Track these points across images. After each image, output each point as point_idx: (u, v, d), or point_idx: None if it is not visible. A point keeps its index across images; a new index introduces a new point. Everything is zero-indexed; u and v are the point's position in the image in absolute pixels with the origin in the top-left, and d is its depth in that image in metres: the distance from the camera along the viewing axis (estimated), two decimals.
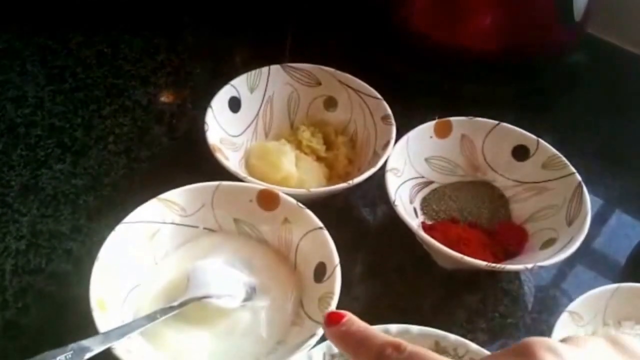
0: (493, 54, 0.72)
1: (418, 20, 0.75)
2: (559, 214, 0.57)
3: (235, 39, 0.84)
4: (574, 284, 0.59)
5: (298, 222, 0.52)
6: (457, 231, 0.58)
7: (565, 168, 0.59)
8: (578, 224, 0.55)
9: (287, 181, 0.59)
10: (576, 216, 0.56)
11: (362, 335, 0.33)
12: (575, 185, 0.58)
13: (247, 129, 0.64)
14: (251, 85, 0.64)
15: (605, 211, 0.66)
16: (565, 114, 0.77)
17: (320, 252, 0.50)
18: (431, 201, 0.61)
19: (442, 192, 0.62)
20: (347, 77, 0.65)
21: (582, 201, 0.56)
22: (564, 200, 0.58)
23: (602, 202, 0.67)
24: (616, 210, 0.67)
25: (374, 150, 0.61)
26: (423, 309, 0.56)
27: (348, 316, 0.35)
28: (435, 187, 0.63)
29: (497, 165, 0.63)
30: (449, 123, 0.62)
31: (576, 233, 0.53)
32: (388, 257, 0.59)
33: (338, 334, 0.34)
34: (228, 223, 0.54)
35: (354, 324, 0.34)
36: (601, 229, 0.64)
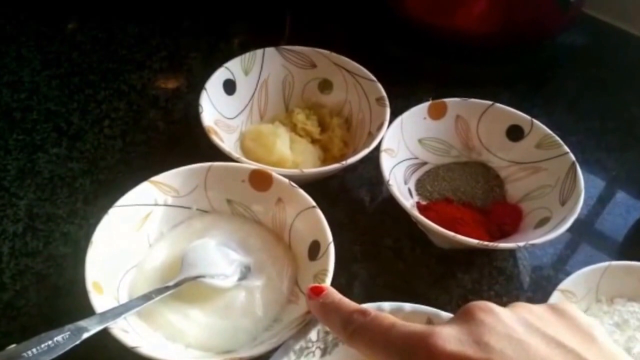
0: (488, 35, 0.72)
1: (413, 3, 0.75)
2: (553, 193, 0.58)
3: (232, 23, 0.84)
4: (570, 263, 0.59)
5: (291, 201, 0.52)
6: (451, 211, 0.58)
7: (559, 148, 0.59)
8: (571, 203, 0.55)
9: (282, 163, 0.59)
10: (569, 196, 0.56)
11: (335, 305, 0.37)
12: (569, 165, 0.58)
13: (242, 112, 0.64)
14: (246, 68, 0.64)
15: (601, 191, 0.66)
16: (561, 94, 0.77)
17: (313, 230, 0.50)
18: (425, 182, 0.62)
19: (436, 172, 0.62)
20: (342, 59, 0.65)
21: (576, 181, 0.56)
22: (557, 180, 0.58)
23: (598, 182, 0.67)
24: (612, 189, 0.66)
25: (368, 132, 0.61)
26: (418, 288, 0.56)
27: (327, 290, 0.39)
28: (430, 168, 0.63)
29: (492, 145, 0.63)
30: (444, 104, 0.62)
31: (569, 212, 0.54)
32: (383, 237, 0.60)
33: (317, 305, 0.38)
34: (221, 204, 0.54)
35: (329, 296, 0.38)
36: (597, 208, 0.64)
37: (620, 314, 0.48)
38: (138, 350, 0.40)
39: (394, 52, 0.79)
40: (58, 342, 0.39)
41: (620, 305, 0.49)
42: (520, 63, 0.77)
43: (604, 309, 0.49)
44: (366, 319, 0.34)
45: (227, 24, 0.84)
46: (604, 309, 0.49)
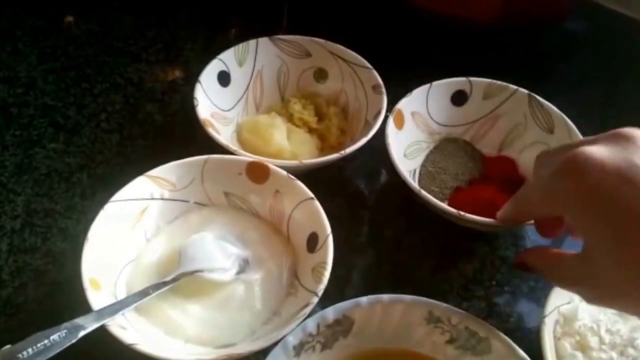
0: (488, 21, 0.71)
1: None
2: (530, 128, 0.60)
3: (229, 13, 0.83)
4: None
5: (289, 193, 0.52)
6: (481, 195, 0.58)
7: (507, 88, 0.60)
8: (560, 125, 0.57)
9: (280, 154, 0.59)
10: (552, 122, 0.58)
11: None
12: (526, 99, 0.60)
13: (237, 103, 0.64)
14: (240, 59, 0.63)
15: None
16: (561, 81, 0.76)
17: (312, 222, 0.49)
18: (425, 183, 0.61)
19: (426, 171, 0.61)
20: (338, 47, 0.64)
21: (545, 108, 0.59)
22: (524, 116, 0.60)
23: None
24: None
25: (365, 120, 0.61)
26: (419, 278, 0.56)
27: None
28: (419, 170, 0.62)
29: (446, 120, 0.62)
30: (399, 112, 0.59)
31: (568, 131, 0.57)
32: (383, 227, 0.59)
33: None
34: (218, 197, 0.54)
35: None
36: None
37: None
38: (136, 347, 0.40)
39: (392, 39, 0.78)
40: (54, 340, 0.39)
41: None
42: (521, 50, 0.76)
43: None
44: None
45: (224, 14, 0.83)
46: None
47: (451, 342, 0.44)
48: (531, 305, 0.53)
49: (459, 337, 0.44)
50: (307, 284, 0.47)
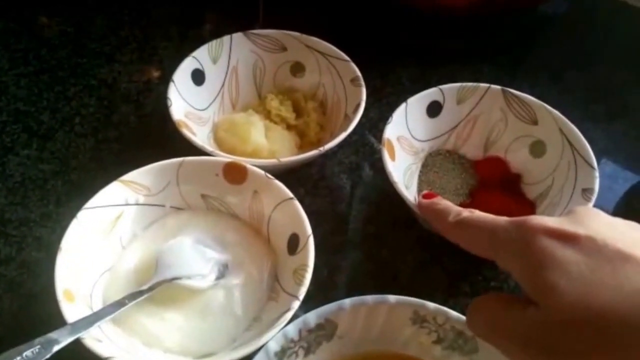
0: (466, 7, 0.69)
1: None
2: (512, 123, 0.58)
3: (203, 9, 0.81)
4: None
5: (268, 193, 0.50)
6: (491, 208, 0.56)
7: (478, 88, 0.58)
8: (542, 114, 0.56)
9: (258, 153, 0.57)
10: (534, 112, 0.57)
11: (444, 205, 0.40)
12: (500, 94, 0.58)
13: (213, 102, 0.62)
14: (214, 56, 0.62)
15: None
16: (544, 65, 0.75)
17: (292, 223, 0.48)
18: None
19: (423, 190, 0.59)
20: (314, 40, 0.63)
21: (522, 99, 0.57)
22: (502, 111, 0.58)
23: None
24: (599, 161, 0.64)
25: (345, 114, 0.59)
26: (404, 275, 0.54)
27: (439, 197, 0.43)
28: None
29: (426, 133, 0.60)
30: (389, 142, 0.55)
31: (551, 121, 0.55)
32: (367, 224, 0.58)
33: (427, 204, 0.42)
34: (195, 199, 0.52)
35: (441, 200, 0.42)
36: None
37: None
38: None
39: (370, 30, 0.77)
40: (28, 357, 0.38)
41: None
42: (501, 35, 0.75)
43: None
44: (474, 213, 0.37)
45: (198, 10, 0.81)
46: None
47: (438, 342, 0.43)
48: None
49: (445, 337, 0.43)
50: (288, 288, 0.45)
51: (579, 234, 0.30)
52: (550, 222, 0.31)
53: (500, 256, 0.34)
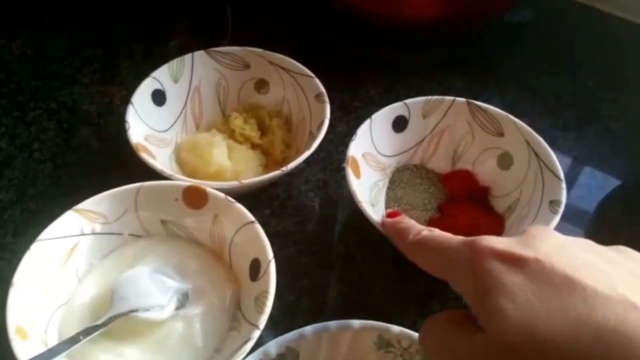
0: (432, 18, 0.68)
1: None
2: (478, 135, 0.57)
3: (166, 26, 0.80)
4: None
5: (229, 217, 0.48)
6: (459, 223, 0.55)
7: (443, 101, 0.57)
8: (508, 126, 0.55)
9: (221, 174, 0.56)
10: (499, 124, 0.56)
11: (407, 224, 0.39)
12: (465, 107, 0.57)
13: (175, 122, 0.60)
14: (175, 75, 0.60)
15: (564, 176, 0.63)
16: (513, 73, 0.73)
17: (253, 247, 0.46)
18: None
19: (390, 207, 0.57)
20: (277, 56, 0.61)
21: (487, 111, 0.56)
22: (468, 123, 0.57)
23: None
24: (573, 171, 0.64)
25: (309, 131, 0.58)
26: (373, 296, 0.53)
27: (403, 215, 0.42)
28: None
29: (392, 148, 0.58)
30: (354, 159, 0.54)
31: (517, 132, 0.54)
32: (335, 244, 0.57)
33: (390, 223, 0.41)
34: (155, 226, 0.51)
35: (404, 218, 0.41)
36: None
37: None
38: None
39: (338, 44, 0.75)
40: None
41: None
42: (470, 45, 0.74)
43: None
44: (432, 232, 0.36)
45: (163, 26, 0.80)
46: None
47: None
48: None
49: None
50: (249, 316, 0.44)
51: (527, 257, 0.29)
52: (498, 244, 0.31)
53: (451, 277, 0.33)
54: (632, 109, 0.68)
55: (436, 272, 0.35)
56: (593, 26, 0.79)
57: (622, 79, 0.72)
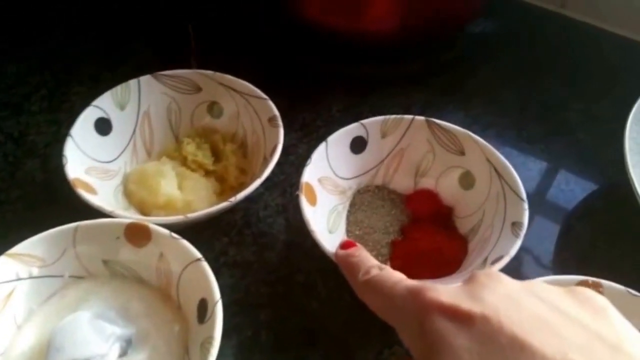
0: (391, 32, 0.66)
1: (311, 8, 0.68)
2: (439, 154, 0.55)
3: (120, 48, 0.77)
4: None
5: (174, 255, 0.46)
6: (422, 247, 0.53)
7: (402, 120, 0.55)
8: (469, 144, 0.53)
9: (171, 205, 0.53)
10: (460, 143, 0.54)
11: (359, 259, 0.37)
12: (425, 125, 0.55)
13: (123, 152, 0.57)
14: (120, 102, 0.57)
15: (530, 187, 0.61)
16: (477, 86, 0.71)
17: (201, 287, 0.44)
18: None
19: (355, 237, 0.54)
20: (227, 78, 0.59)
21: (447, 129, 0.54)
22: (429, 142, 0.55)
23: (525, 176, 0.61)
24: (539, 184, 0.61)
25: (264, 157, 0.55)
26: (336, 327, 0.50)
27: (358, 246, 0.40)
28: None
29: (352, 170, 0.56)
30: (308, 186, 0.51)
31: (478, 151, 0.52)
32: (294, 273, 0.54)
33: (343, 255, 0.39)
34: (97, 266, 0.48)
35: (357, 251, 0.39)
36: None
37: None
38: None
39: (302, 62, 0.73)
40: None
41: None
42: (433, 58, 0.72)
43: None
44: (381, 272, 0.34)
45: (115, 49, 0.77)
46: None
47: None
48: None
49: None
50: None
51: (474, 313, 0.27)
52: (445, 297, 0.28)
53: (398, 327, 0.31)
54: (601, 118, 0.66)
55: (383, 317, 0.33)
56: (559, 34, 0.77)
57: (591, 87, 0.69)
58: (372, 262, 0.37)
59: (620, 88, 0.67)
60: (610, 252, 0.55)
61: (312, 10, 0.68)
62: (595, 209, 0.59)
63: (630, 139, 0.52)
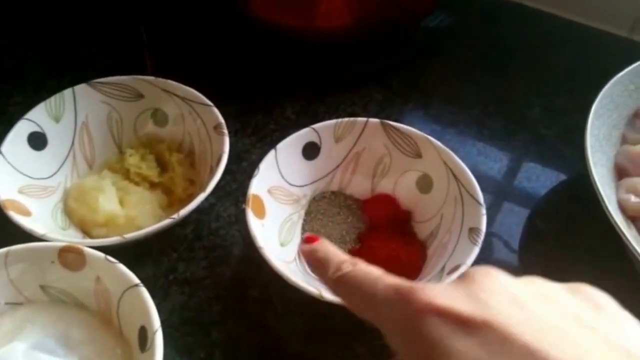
0: (346, 29, 0.63)
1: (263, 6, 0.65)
2: (396, 157, 0.53)
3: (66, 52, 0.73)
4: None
5: (111, 279, 0.43)
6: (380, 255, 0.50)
7: (355, 123, 0.53)
8: (425, 147, 0.51)
9: (112, 222, 0.50)
10: (416, 145, 0.52)
11: (327, 253, 0.34)
12: (380, 127, 0.52)
13: (62, 166, 0.54)
14: (55, 114, 0.54)
15: (492, 185, 0.59)
16: (436, 83, 0.68)
17: (140, 314, 0.41)
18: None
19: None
20: (171, 84, 0.55)
21: (403, 131, 0.52)
22: (385, 145, 0.53)
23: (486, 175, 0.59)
24: (501, 181, 0.59)
25: (210, 167, 0.52)
26: (293, 342, 0.48)
27: (321, 239, 0.36)
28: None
29: (305, 177, 0.54)
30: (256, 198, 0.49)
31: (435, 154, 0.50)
32: (248, 288, 0.51)
33: (309, 250, 0.35)
34: (34, 292, 0.45)
35: (322, 244, 0.35)
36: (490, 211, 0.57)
37: None
38: None
39: (255, 63, 0.70)
40: None
41: None
42: (389, 57, 0.69)
43: None
44: (355, 268, 0.31)
45: (63, 54, 0.73)
46: None
47: None
48: None
49: None
50: None
51: (477, 319, 0.24)
52: (440, 300, 0.25)
53: (382, 329, 0.28)
54: (563, 112, 0.64)
55: (363, 316, 0.30)
56: (517, 25, 0.75)
57: (551, 81, 0.67)
58: (340, 256, 0.34)
59: (582, 80, 0.65)
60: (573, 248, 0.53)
61: (264, 8, 0.65)
62: (558, 205, 0.57)
63: (591, 136, 0.50)
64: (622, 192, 0.50)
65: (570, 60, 0.70)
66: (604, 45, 0.71)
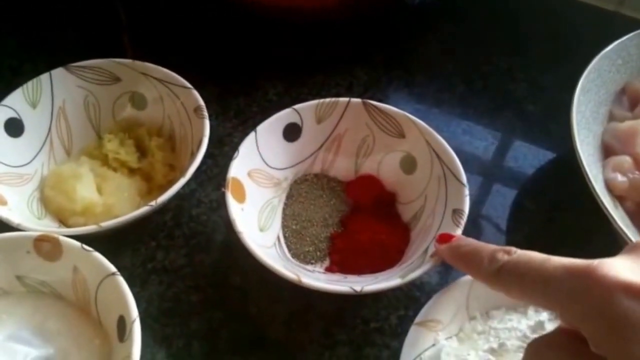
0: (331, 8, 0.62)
1: None
2: (379, 138, 0.52)
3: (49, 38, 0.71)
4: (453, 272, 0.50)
5: (89, 268, 0.42)
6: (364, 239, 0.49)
7: (337, 103, 0.52)
8: (408, 127, 0.50)
9: (90, 210, 0.49)
10: (399, 125, 0.51)
11: (473, 247, 0.34)
12: (362, 107, 0.51)
13: (39, 153, 0.53)
14: (32, 100, 0.52)
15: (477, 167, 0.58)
16: (420, 61, 0.67)
17: (118, 303, 0.40)
18: (296, 247, 0.50)
19: (292, 232, 0.51)
20: (149, 66, 0.54)
21: (385, 111, 0.51)
22: (367, 126, 0.52)
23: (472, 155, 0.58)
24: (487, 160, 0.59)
25: (191, 151, 0.51)
26: (274, 331, 0.47)
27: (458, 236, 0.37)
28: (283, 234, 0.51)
29: (286, 160, 0.53)
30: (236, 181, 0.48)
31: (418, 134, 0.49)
32: (229, 276, 0.50)
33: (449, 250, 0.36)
34: (10, 283, 0.44)
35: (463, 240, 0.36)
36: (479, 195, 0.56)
37: (496, 334, 0.40)
38: None
39: (236, 44, 0.68)
40: None
41: (497, 321, 0.41)
42: (373, 36, 0.68)
43: (478, 329, 0.41)
44: (513, 256, 0.31)
45: (41, 38, 0.71)
46: (478, 329, 0.41)
47: None
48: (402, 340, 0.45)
49: None
50: None
51: None
52: (624, 274, 0.25)
53: (558, 310, 0.28)
54: (549, 88, 0.63)
55: (531, 302, 0.32)
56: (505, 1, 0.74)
57: (537, 57, 0.66)
58: (489, 246, 0.33)
59: (567, 55, 0.64)
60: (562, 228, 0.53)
61: None
62: (546, 184, 0.57)
63: (578, 113, 0.49)
64: (609, 172, 0.49)
65: (557, 34, 0.69)
66: (592, 18, 0.70)
